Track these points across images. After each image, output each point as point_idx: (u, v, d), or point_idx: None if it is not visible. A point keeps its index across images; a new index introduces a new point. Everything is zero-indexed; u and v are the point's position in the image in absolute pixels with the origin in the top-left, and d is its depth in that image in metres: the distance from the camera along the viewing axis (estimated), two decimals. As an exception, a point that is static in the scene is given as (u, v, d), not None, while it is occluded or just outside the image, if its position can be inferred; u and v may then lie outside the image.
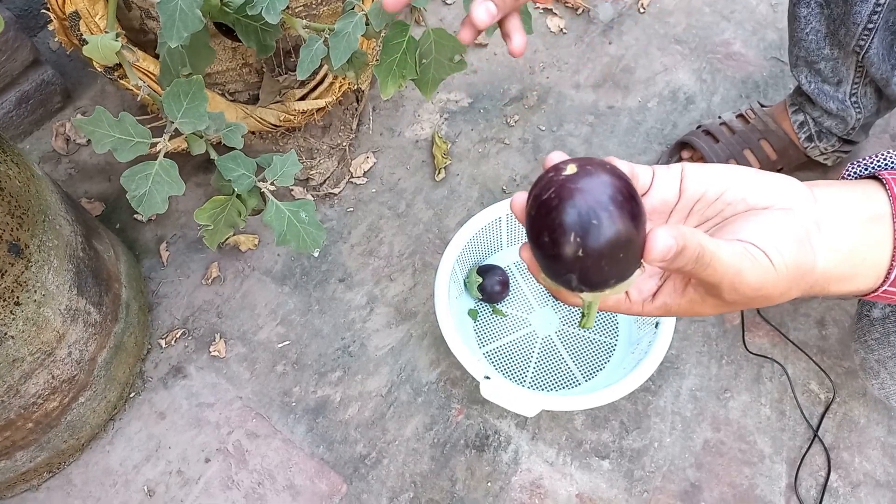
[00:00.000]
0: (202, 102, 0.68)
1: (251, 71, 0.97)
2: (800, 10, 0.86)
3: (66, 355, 0.76)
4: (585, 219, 0.33)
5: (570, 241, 0.33)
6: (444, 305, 0.84)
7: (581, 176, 0.34)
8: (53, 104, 1.12)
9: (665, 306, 0.42)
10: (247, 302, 0.98)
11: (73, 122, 0.63)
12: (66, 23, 0.88)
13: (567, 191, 0.33)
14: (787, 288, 0.38)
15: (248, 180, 0.75)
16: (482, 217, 0.93)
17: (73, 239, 0.77)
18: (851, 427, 0.88)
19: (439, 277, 0.87)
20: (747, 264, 0.37)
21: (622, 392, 0.77)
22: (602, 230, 0.33)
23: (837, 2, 0.81)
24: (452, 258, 0.89)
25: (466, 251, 0.93)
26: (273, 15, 0.67)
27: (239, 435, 0.89)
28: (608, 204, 0.33)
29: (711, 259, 0.36)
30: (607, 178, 0.34)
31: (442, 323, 0.83)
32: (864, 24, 0.79)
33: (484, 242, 0.96)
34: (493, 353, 0.94)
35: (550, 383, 0.91)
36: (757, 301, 0.39)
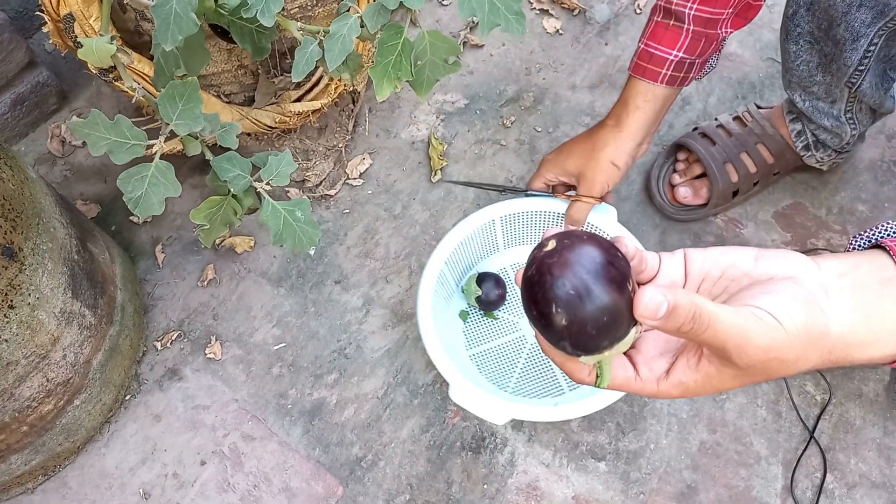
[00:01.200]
0: (197, 104, 0.68)
1: (246, 73, 0.97)
2: (789, 45, 0.87)
3: (61, 358, 0.75)
4: (562, 290, 0.36)
5: (554, 312, 0.36)
6: (427, 306, 0.83)
7: (559, 250, 0.37)
8: (49, 106, 1.12)
9: (682, 384, 0.41)
10: (242, 304, 0.97)
11: (69, 125, 0.63)
12: (61, 25, 0.88)
13: (546, 266, 0.37)
14: (802, 351, 0.38)
15: (244, 180, 0.75)
16: (475, 219, 0.92)
17: (67, 241, 0.76)
18: (847, 428, 0.88)
19: (424, 279, 0.86)
20: (752, 325, 0.36)
21: (596, 405, 0.76)
22: (580, 298, 0.36)
23: (827, 43, 0.81)
24: (440, 261, 0.88)
25: (459, 253, 0.92)
26: (268, 17, 0.67)
27: (235, 437, 0.88)
28: (584, 273, 0.36)
29: (711, 320, 0.36)
30: (584, 249, 0.37)
31: (421, 323, 0.82)
32: (856, 67, 0.79)
33: (478, 244, 0.95)
34: (481, 355, 0.93)
35: (534, 390, 0.90)
36: (773, 366, 0.38)
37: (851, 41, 0.77)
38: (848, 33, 0.76)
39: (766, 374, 0.39)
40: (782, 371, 0.38)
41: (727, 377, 0.39)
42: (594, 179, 0.85)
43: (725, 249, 0.43)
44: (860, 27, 0.75)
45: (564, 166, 0.89)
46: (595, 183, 0.85)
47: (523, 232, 0.97)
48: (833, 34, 0.78)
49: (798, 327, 0.37)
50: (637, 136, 0.84)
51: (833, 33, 0.78)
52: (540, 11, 1.24)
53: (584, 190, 0.86)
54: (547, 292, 0.36)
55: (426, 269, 0.87)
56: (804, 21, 0.82)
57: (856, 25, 0.75)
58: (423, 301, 0.84)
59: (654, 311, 0.35)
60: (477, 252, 0.96)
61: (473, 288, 0.93)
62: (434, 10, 1.25)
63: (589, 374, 0.42)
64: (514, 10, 0.72)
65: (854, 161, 1.07)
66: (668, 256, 0.43)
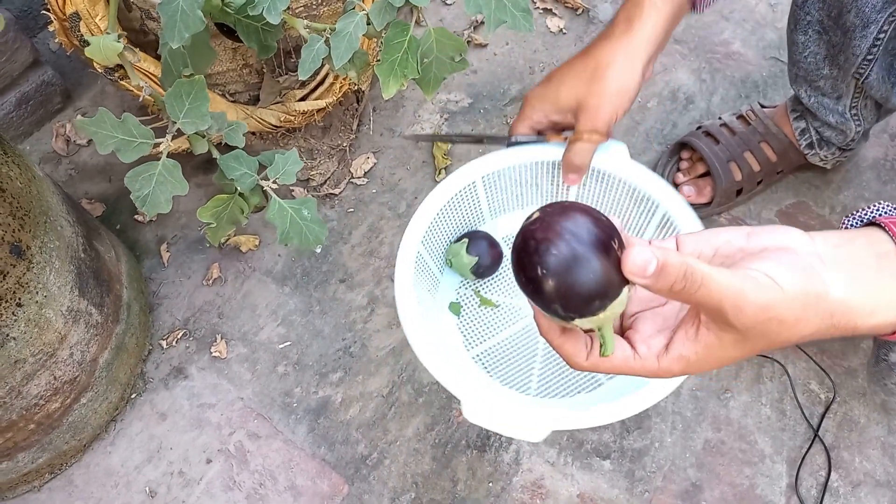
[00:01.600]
0: (204, 102, 0.69)
1: (252, 72, 0.97)
2: (797, 36, 0.86)
3: (68, 356, 0.75)
4: (546, 251, 0.36)
5: (540, 274, 0.36)
6: (409, 303, 0.68)
7: (541, 217, 0.38)
8: (53, 105, 1.12)
9: (682, 357, 0.40)
10: (248, 302, 0.97)
11: (76, 123, 0.63)
12: (67, 24, 0.88)
13: (529, 232, 0.37)
14: (801, 312, 0.37)
15: (251, 178, 0.75)
16: (450, 184, 0.76)
17: (74, 240, 0.77)
18: (852, 427, 0.89)
19: (400, 269, 0.71)
20: (748, 284, 0.36)
21: (659, 394, 0.61)
22: (566, 258, 0.36)
23: (836, 32, 0.81)
24: (415, 242, 0.72)
25: (437, 230, 0.77)
26: (275, 15, 0.67)
27: (240, 436, 0.89)
28: (567, 234, 0.36)
29: (704, 278, 0.35)
30: (567, 213, 0.37)
31: (407, 327, 0.66)
32: (864, 56, 0.79)
33: (459, 216, 0.80)
34: (487, 355, 0.79)
35: (563, 387, 0.76)
36: (772, 328, 0.37)
37: (861, 28, 0.77)
38: (858, 19, 0.76)
39: (768, 339, 0.38)
40: (783, 334, 0.37)
41: (728, 344, 0.38)
42: (599, 109, 0.67)
43: (717, 230, 0.42)
44: (871, 13, 0.75)
45: (556, 100, 0.70)
46: (600, 114, 0.67)
47: (512, 193, 0.81)
48: (842, 22, 0.79)
49: (796, 287, 0.36)
50: (651, 44, 0.67)
51: (843, 21, 0.78)
52: (543, 10, 1.24)
53: (587, 124, 0.68)
54: (532, 256, 0.37)
55: (400, 256, 0.71)
56: (814, 9, 0.82)
57: (866, 11, 0.75)
58: (404, 298, 0.68)
59: (642, 268, 0.35)
60: (458, 225, 0.82)
61: (466, 258, 0.78)
62: (438, 9, 1.25)
63: (588, 355, 0.41)
64: (521, 7, 0.72)
65: (857, 160, 1.07)
66: (659, 243, 0.43)
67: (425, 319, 0.69)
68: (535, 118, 0.73)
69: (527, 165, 0.77)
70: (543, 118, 0.72)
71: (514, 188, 0.81)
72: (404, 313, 0.67)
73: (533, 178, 0.79)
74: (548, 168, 0.78)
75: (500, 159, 0.77)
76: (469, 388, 0.61)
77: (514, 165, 0.77)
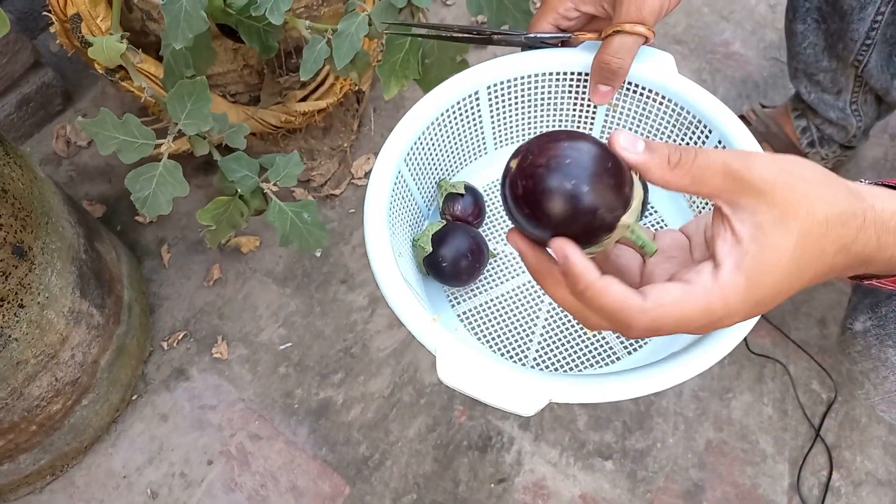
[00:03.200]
0: (206, 104, 0.68)
1: (252, 72, 0.97)
2: (796, 26, 0.87)
3: (70, 358, 0.75)
4: (556, 173, 0.34)
5: (552, 201, 0.33)
6: (379, 229, 0.53)
7: (531, 145, 0.35)
8: (54, 106, 1.12)
9: (739, 268, 0.33)
10: (248, 303, 0.97)
11: (78, 124, 0.63)
12: (68, 25, 0.88)
13: (525, 161, 0.35)
14: (823, 177, 0.33)
15: (252, 181, 0.75)
16: (446, 91, 0.60)
17: (75, 241, 0.77)
18: (853, 426, 0.89)
19: (374, 187, 0.55)
20: (754, 158, 0.34)
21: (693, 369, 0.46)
22: (583, 164, 0.34)
23: (834, 18, 0.81)
24: (395, 156, 0.57)
25: (423, 152, 0.61)
26: (277, 16, 0.67)
27: (241, 437, 0.88)
28: (564, 153, 0.34)
29: (696, 150, 0.34)
30: (560, 135, 0.35)
31: (373, 255, 0.51)
32: (862, 41, 0.80)
33: (451, 140, 0.64)
34: (476, 313, 0.64)
35: (570, 360, 0.62)
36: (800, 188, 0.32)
37: (859, 10, 0.77)
38: (855, 1, 0.77)
39: (805, 200, 0.32)
40: (814, 199, 0.33)
41: (770, 226, 0.33)
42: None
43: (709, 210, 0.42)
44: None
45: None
46: (647, 1, 0.52)
47: (524, 114, 0.66)
48: (840, 6, 0.79)
49: (817, 169, 0.34)
50: None
51: (840, 5, 0.79)
52: (543, 11, 1.25)
53: (630, 12, 0.53)
54: (539, 182, 0.34)
55: (375, 171, 0.56)
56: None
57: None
58: (374, 226, 0.53)
59: (632, 141, 0.34)
60: (453, 152, 0.66)
61: (425, 243, 0.62)
62: (438, 10, 1.25)
63: (617, 305, 0.34)
64: (523, 9, 0.72)
65: (857, 160, 1.07)
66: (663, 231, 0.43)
67: (400, 256, 0.55)
68: (562, 9, 0.57)
69: (545, 76, 0.62)
70: (571, 8, 0.57)
71: (526, 107, 0.65)
72: (373, 244, 0.51)
73: (552, 93, 0.64)
74: (572, 81, 0.62)
75: (513, 65, 0.61)
76: (444, 342, 0.47)
77: (529, 74, 0.62)
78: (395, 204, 0.58)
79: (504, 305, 0.64)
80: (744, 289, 0.33)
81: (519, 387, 0.44)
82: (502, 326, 0.63)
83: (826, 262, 0.34)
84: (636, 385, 0.45)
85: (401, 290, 0.49)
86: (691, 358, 0.47)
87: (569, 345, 0.62)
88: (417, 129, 0.59)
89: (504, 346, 0.62)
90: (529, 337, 0.63)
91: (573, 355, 0.62)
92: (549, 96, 0.64)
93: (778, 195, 0.32)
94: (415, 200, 0.64)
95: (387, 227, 0.53)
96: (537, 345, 0.63)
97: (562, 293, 0.37)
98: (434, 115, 0.60)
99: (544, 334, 0.63)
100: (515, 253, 0.67)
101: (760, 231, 0.33)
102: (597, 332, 0.62)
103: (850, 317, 0.65)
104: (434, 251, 0.62)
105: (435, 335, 0.47)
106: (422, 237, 0.63)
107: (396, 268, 0.51)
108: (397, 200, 0.58)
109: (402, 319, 0.48)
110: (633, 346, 0.62)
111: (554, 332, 0.63)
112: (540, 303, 0.65)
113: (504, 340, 0.63)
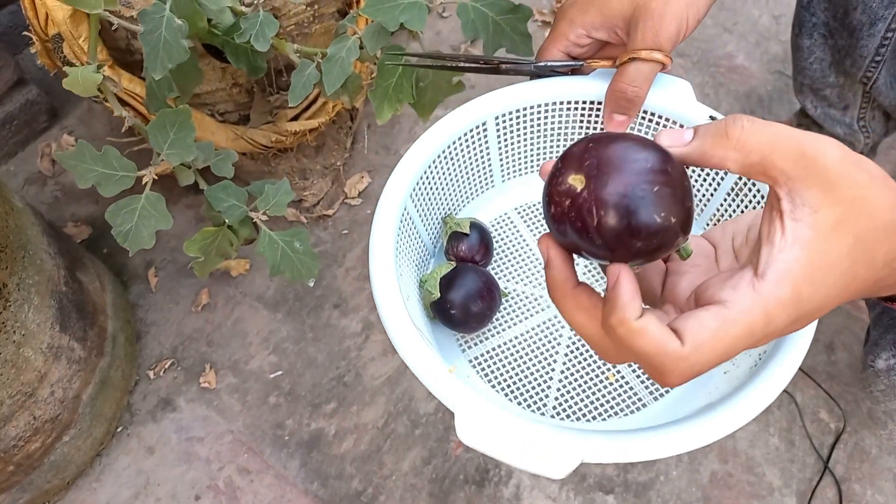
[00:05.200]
0: (189, 132, 0.66)
1: (241, 91, 0.94)
2: (802, 40, 0.84)
3: (49, 395, 0.72)
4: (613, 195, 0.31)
5: (656, 222, 0.30)
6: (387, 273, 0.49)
7: (601, 162, 0.32)
8: (39, 124, 1.09)
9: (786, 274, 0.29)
10: (238, 329, 0.94)
11: (55, 156, 0.61)
12: (49, 45, 0.85)
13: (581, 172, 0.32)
14: (884, 177, 0.30)
15: (240, 210, 0.72)
16: (453, 123, 0.57)
17: (55, 273, 0.74)
18: (863, 457, 0.86)
19: (379, 226, 0.52)
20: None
21: (738, 419, 0.42)
22: (663, 191, 0.31)
23: (842, 34, 0.78)
24: (401, 192, 0.53)
25: (429, 186, 0.58)
26: (263, 42, 0.64)
27: (230, 470, 0.85)
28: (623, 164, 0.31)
29: (762, 123, 0.30)
30: (621, 143, 0.32)
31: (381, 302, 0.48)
32: (872, 57, 0.77)
33: (459, 172, 0.61)
34: (487, 358, 0.60)
35: (592, 406, 0.58)
36: (864, 182, 0.29)
37: (869, 26, 0.74)
38: (865, 16, 0.74)
39: (871, 200, 0.29)
40: (879, 200, 0.29)
41: (828, 228, 0.29)
42: (664, 16, 0.49)
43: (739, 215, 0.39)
44: (878, 8, 0.72)
45: (604, 6, 0.52)
46: (665, 23, 0.49)
47: (534, 145, 0.63)
48: (849, 21, 0.76)
49: (876, 170, 0.31)
50: None
51: (849, 20, 0.76)
52: (542, 23, 1.22)
53: (646, 38, 0.50)
54: (620, 215, 0.30)
55: (380, 209, 0.52)
56: (820, 9, 0.80)
57: (874, 6, 0.73)
58: (380, 268, 0.49)
59: (679, 134, 0.31)
60: (460, 185, 0.63)
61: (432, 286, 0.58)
62: (434, 22, 1.22)
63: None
64: (521, 31, 0.69)
65: (865, 178, 1.05)
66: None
67: (408, 300, 0.52)
68: (573, 36, 0.55)
69: (556, 105, 0.59)
70: (583, 34, 0.55)
71: (536, 137, 0.62)
72: (381, 291, 0.48)
73: (563, 123, 0.61)
74: (584, 111, 0.59)
75: (522, 94, 0.59)
76: (464, 398, 0.43)
77: (539, 103, 0.59)
78: (402, 243, 0.55)
79: (519, 348, 0.61)
80: (789, 302, 0.29)
81: (547, 447, 0.40)
82: (518, 372, 0.60)
83: (872, 275, 0.30)
84: (675, 441, 0.41)
85: (413, 339, 0.46)
86: (734, 408, 0.42)
87: (590, 391, 0.59)
88: (423, 162, 0.56)
89: (521, 393, 0.59)
90: (547, 383, 0.60)
91: (595, 402, 0.58)
92: (559, 126, 0.62)
93: (846, 191, 0.29)
94: (421, 238, 0.61)
95: (395, 270, 0.50)
96: (556, 391, 0.59)
97: (582, 319, 0.33)
98: (440, 147, 0.57)
99: (563, 379, 0.60)
100: (529, 291, 0.64)
101: (817, 234, 0.29)
102: (620, 377, 0.60)
103: (871, 353, 0.62)
104: (442, 296, 0.58)
105: (453, 391, 0.43)
106: (429, 279, 0.60)
107: (407, 314, 0.47)
108: (403, 240, 0.56)
109: (416, 373, 0.45)
110: (661, 392, 0.58)
111: (573, 376, 0.60)
112: (557, 345, 0.61)
113: (521, 387, 0.59)
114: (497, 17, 0.67)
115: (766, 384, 0.43)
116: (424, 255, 0.63)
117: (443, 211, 0.64)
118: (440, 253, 0.66)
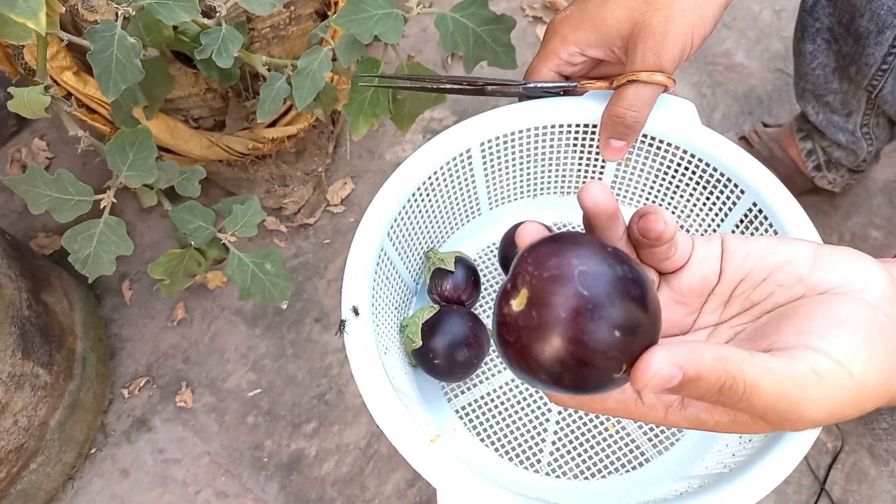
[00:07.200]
0: (150, 153, 0.62)
1: (216, 96, 0.90)
2: (805, 45, 0.79)
3: (12, 424, 0.69)
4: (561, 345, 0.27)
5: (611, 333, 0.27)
6: (361, 332, 0.45)
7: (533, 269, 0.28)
8: (8, 129, 1.04)
9: (698, 420, 0.32)
10: (215, 345, 0.91)
11: (5, 182, 0.57)
12: (10, 51, 0.81)
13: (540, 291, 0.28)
14: (861, 403, 0.29)
15: (207, 232, 0.68)
16: (435, 150, 0.53)
17: (16, 297, 0.70)
18: (861, 479, 0.83)
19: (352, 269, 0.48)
20: (808, 393, 0.28)
21: (767, 484, 0.40)
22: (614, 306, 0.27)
23: (847, 40, 0.74)
24: (378, 232, 0.49)
25: (409, 222, 0.54)
26: (226, 58, 0.60)
27: (207, 494, 0.83)
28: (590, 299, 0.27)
29: (748, 390, 0.27)
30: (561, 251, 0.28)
31: (356, 364, 0.44)
32: (878, 66, 0.72)
33: (442, 203, 0.57)
34: (474, 408, 0.56)
35: (591, 462, 0.54)
36: (826, 424, 0.30)
37: (876, 34, 0.70)
38: (872, 24, 0.69)
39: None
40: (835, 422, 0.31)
41: (762, 428, 0.31)
42: (667, 34, 0.45)
43: (775, 243, 0.33)
44: (886, 16, 0.68)
45: (601, 23, 0.48)
46: (668, 41, 0.45)
47: (522, 172, 0.59)
48: (855, 28, 0.72)
49: (872, 376, 0.29)
50: None
51: (855, 27, 0.72)
52: (533, 19, 1.17)
53: (647, 57, 0.46)
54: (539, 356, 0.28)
55: (354, 249, 0.48)
56: (824, 14, 0.75)
57: (882, 14, 0.68)
58: (355, 326, 0.45)
59: (664, 381, 0.27)
60: (443, 219, 0.59)
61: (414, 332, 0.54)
62: (420, 18, 1.18)
63: None
64: (503, 43, 0.65)
65: (867, 183, 1.01)
66: (702, 242, 0.34)
67: (386, 353, 0.48)
68: (565, 54, 0.50)
69: (547, 128, 0.55)
70: (576, 52, 0.50)
71: (526, 162, 0.58)
72: (354, 348, 0.44)
73: (555, 147, 0.57)
74: (577, 134, 0.55)
75: (510, 118, 0.54)
76: (447, 474, 0.39)
77: (528, 127, 0.55)
78: (379, 287, 0.51)
79: (510, 395, 0.57)
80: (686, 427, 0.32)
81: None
82: (509, 423, 0.56)
83: None
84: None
85: (390, 404, 0.42)
86: (760, 472, 0.40)
87: (588, 444, 0.55)
88: (402, 197, 0.52)
89: (512, 448, 0.55)
90: (542, 435, 0.55)
91: (594, 457, 0.55)
92: (551, 151, 0.58)
93: None
94: (401, 278, 0.56)
95: (370, 321, 0.46)
96: (551, 445, 0.55)
97: (657, 415, 0.32)
98: (420, 179, 0.53)
99: (558, 431, 0.55)
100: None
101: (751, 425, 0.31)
102: (620, 428, 0.56)
103: None
104: (424, 344, 0.54)
105: (435, 465, 0.40)
106: (410, 325, 0.55)
107: (384, 373, 0.43)
108: (381, 283, 0.51)
109: (394, 443, 0.41)
110: (666, 445, 0.54)
111: (570, 428, 0.56)
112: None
113: (512, 441, 0.55)
114: (478, 27, 0.63)
115: (787, 447, 0.40)
116: (406, 294, 0.58)
117: (424, 245, 0.59)
118: (423, 290, 0.61)
